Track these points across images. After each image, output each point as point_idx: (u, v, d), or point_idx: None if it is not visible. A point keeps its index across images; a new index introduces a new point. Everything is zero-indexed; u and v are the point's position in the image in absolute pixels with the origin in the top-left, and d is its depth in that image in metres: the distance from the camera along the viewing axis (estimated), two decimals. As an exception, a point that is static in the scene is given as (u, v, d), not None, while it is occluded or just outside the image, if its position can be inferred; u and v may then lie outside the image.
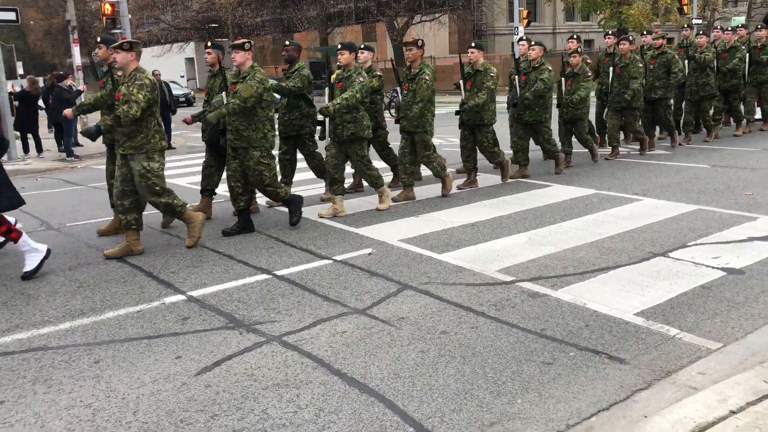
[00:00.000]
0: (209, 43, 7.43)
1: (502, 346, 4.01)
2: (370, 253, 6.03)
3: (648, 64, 10.84)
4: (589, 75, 9.78)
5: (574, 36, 10.82)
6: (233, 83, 6.68)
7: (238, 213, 7.00)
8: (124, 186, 6.20)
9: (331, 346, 4.09)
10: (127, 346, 4.24)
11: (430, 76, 7.83)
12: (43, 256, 5.80)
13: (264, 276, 5.52)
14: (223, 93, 7.02)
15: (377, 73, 8.36)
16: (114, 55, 6.18)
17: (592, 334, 4.14)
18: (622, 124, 10.69)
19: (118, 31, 19.51)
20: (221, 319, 4.62)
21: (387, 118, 8.96)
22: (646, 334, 4.10)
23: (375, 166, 7.75)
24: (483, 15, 47.74)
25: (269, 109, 6.66)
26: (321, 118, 7.69)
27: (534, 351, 3.93)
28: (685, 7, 30.58)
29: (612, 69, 10.43)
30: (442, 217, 7.28)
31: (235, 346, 4.16)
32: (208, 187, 7.62)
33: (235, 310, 4.77)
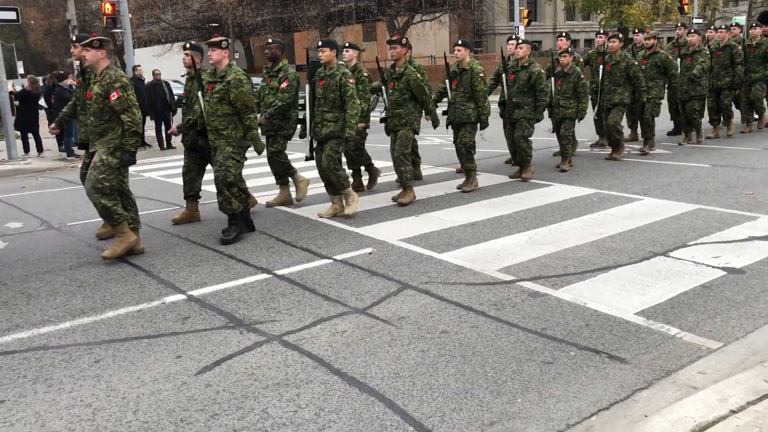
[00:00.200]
0: (187, 45, 7.26)
1: (502, 346, 4.01)
2: (371, 253, 6.03)
3: (640, 64, 10.61)
4: (583, 77, 9.54)
5: (563, 34, 10.59)
6: (210, 83, 6.50)
7: (229, 218, 6.77)
8: None
9: (331, 345, 4.09)
10: (127, 345, 4.24)
11: (423, 74, 7.67)
12: None
13: (264, 275, 5.52)
14: (200, 93, 6.73)
15: (365, 74, 8.15)
16: (84, 53, 6.04)
17: (593, 333, 4.14)
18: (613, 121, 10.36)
19: (119, 30, 19.52)
20: (221, 318, 4.62)
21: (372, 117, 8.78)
22: (646, 334, 4.10)
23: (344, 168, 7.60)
24: (483, 14, 47.72)
25: (237, 108, 6.44)
26: (302, 116, 7.52)
27: (534, 350, 3.93)
28: (685, 7, 30.57)
29: (602, 67, 10.22)
30: (443, 216, 7.28)
31: (235, 345, 4.16)
32: (191, 192, 7.48)
33: (236, 309, 4.77)
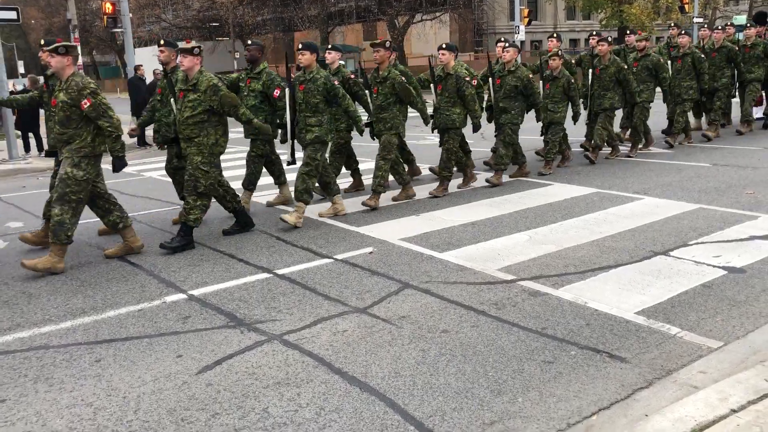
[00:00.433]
0: (162, 42, 7.15)
1: (502, 345, 4.01)
2: (371, 252, 6.03)
3: (631, 67, 10.45)
4: (573, 82, 9.29)
5: (555, 35, 10.39)
6: (182, 90, 6.31)
7: (233, 214, 6.91)
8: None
9: (331, 344, 4.10)
10: (128, 344, 4.24)
11: (408, 76, 7.50)
12: None
13: (265, 275, 5.52)
14: (172, 99, 6.63)
15: (350, 76, 7.95)
16: (48, 59, 5.78)
17: (593, 332, 4.14)
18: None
19: (119, 30, 19.53)
20: (222, 317, 4.62)
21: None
22: (647, 333, 4.10)
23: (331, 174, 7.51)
24: (484, 14, 47.73)
25: (222, 114, 6.36)
26: (283, 121, 7.37)
27: (535, 350, 3.93)
28: (686, 6, 30.55)
29: (591, 71, 9.99)
30: (443, 216, 7.28)
31: (236, 344, 4.16)
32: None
33: (236, 308, 4.78)
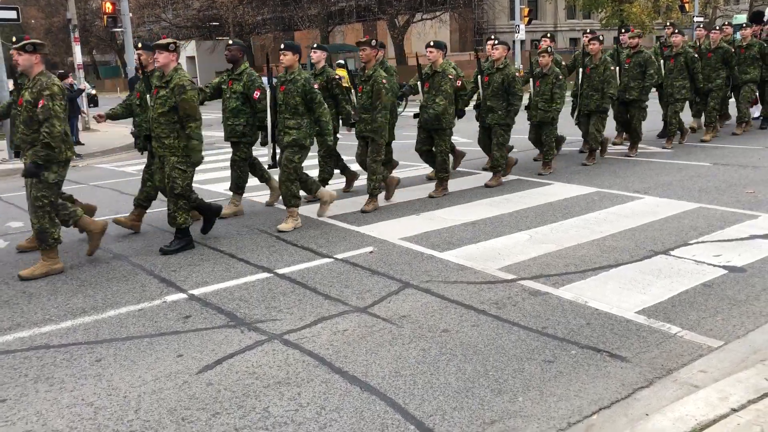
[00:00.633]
0: (140, 45, 7.06)
1: (503, 345, 4.01)
2: (372, 252, 6.03)
3: (623, 64, 10.29)
4: (561, 78, 9.13)
5: (548, 34, 10.32)
6: (156, 87, 6.20)
7: (198, 210, 6.61)
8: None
9: (332, 344, 4.10)
10: (128, 344, 4.24)
11: (388, 81, 7.36)
12: None
13: (265, 274, 5.52)
14: (148, 96, 6.49)
15: (335, 76, 7.83)
16: (16, 57, 5.63)
17: (594, 332, 4.14)
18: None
19: (119, 29, 19.53)
20: (222, 317, 4.62)
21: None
22: (647, 332, 4.10)
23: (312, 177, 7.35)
24: (484, 13, 47.70)
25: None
26: (266, 124, 7.22)
27: (535, 349, 3.93)
28: (686, 5, 30.53)
29: (582, 70, 9.85)
30: (444, 215, 7.28)
31: (236, 344, 4.16)
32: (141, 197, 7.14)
33: (237, 308, 4.78)
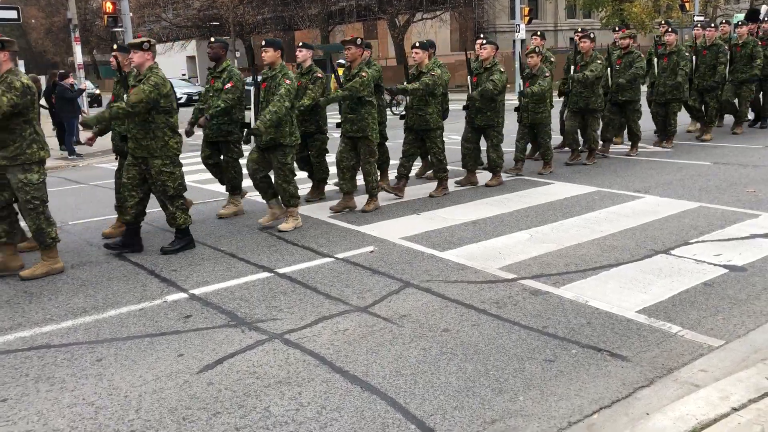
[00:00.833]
0: (114, 46, 6.98)
1: (503, 344, 4.01)
2: (372, 251, 6.03)
3: (614, 65, 10.12)
4: (547, 75, 8.96)
5: (538, 33, 10.16)
6: (132, 86, 6.14)
7: (125, 225, 6.37)
8: None
9: (332, 343, 4.10)
10: (129, 344, 4.25)
11: (368, 74, 7.21)
12: None
13: (266, 274, 5.53)
14: (125, 96, 6.34)
15: (318, 75, 7.69)
16: None
17: (594, 331, 4.14)
18: (583, 126, 9.89)
19: (119, 29, 19.52)
20: (223, 317, 4.63)
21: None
22: (648, 332, 4.10)
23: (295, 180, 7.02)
24: (484, 12, 47.65)
25: (169, 115, 6.08)
26: (248, 121, 7.08)
27: (536, 348, 3.93)
28: (686, 4, 30.49)
29: (573, 68, 9.71)
30: (444, 214, 7.28)
31: (237, 343, 4.16)
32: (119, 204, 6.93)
33: (237, 308, 4.78)
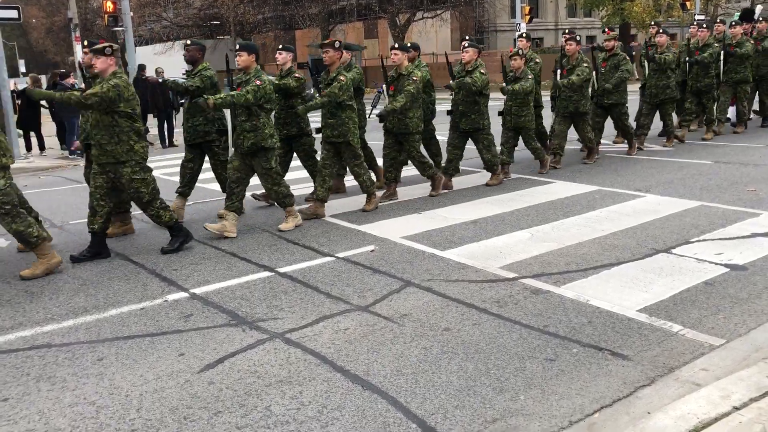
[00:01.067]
0: (86, 42, 6.78)
1: (504, 343, 4.01)
2: (373, 250, 6.03)
3: (599, 67, 9.95)
4: (530, 77, 8.76)
5: (523, 34, 10.07)
6: None
7: (91, 235, 6.20)
8: None
9: (333, 343, 4.10)
10: (130, 343, 4.25)
11: (346, 78, 7.10)
12: None
13: (267, 273, 5.53)
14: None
15: (296, 75, 7.57)
16: None
17: (595, 330, 4.14)
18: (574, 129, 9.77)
19: (120, 28, 19.51)
20: (224, 316, 4.63)
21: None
22: (649, 331, 4.10)
23: (286, 181, 7.03)
24: (485, 11, 47.62)
25: (132, 120, 5.97)
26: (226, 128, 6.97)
27: (537, 348, 3.93)
28: (687, 3, 30.44)
29: (559, 71, 9.58)
30: (445, 214, 7.28)
31: (238, 343, 4.16)
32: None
33: (238, 307, 4.78)
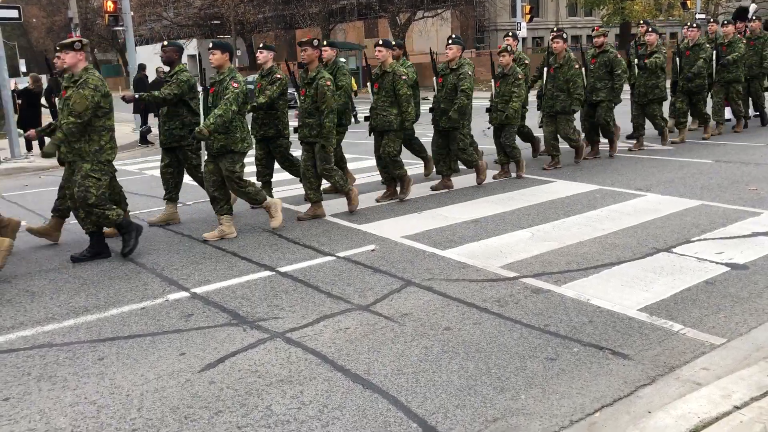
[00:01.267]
0: (57, 46, 6.56)
1: (505, 342, 4.01)
2: (374, 250, 6.03)
3: (588, 64, 9.89)
4: (520, 77, 8.68)
5: (510, 33, 9.95)
6: (65, 88, 5.89)
7: (89, 236, 6.19)
8: None
9: (334, 342, 4.10)
10: (131, 343, 4.25)
11: (332, 83, 7.01)
12: None
13: (267, 273, 5.53)
14: (57, 99, 6.22)
15: (278, 76, 7.48)
16: None
17: (596, 329, 4.14)
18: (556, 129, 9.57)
19: (120, 28, 19.52)
20: (225, 315, 4.63)
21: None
22: (649, 330, 4.10)
23: (253, 181, 6.93)
24: (485, 10, 47.63)
25: (107, 117, 5.90)
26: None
27: (537, 347, 3.93)
28: (688, 2, 30.45)
29: (546, 70, 9.48)
30: (445, 213, 7.28)
31: (238, 342, 4.16)
32: (61, 207, 6.61)
33: (239, 306, 4.78)
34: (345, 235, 6.61)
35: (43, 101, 15.67)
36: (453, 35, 8.61)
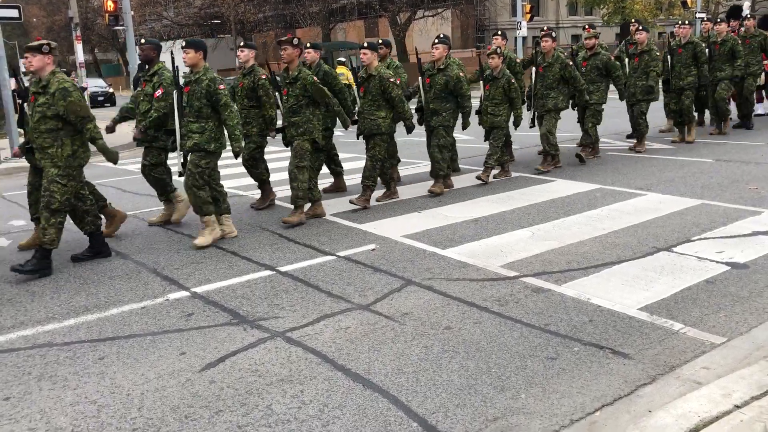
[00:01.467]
0: (25, 47, 6.42)
1: (505, 342, 4.01)
2: (374, 249, 6.03)
3: (580, 66, 9.83)
4: (513, 82, 8.51)
5: (499, 32, 9.80)
6: (33, 93, 5.77)
7: (89, 236, 6.15)
8: None
9: (334, 341, 4.10)
10: (131, 342, 4.25)
11: (317, 82, 6.91)
12: None
13: (268, 272, 5.53)
14: (25, 105, 6.18)
15: (261, 76, 7.43)
16: None
17: (596, 329, 4.14)
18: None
19: (121, 27, 19.52)
20: (225, 315, 4.63)
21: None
22: (650, 329, 4.10)
23: (223, 184, 6.78)
24: (486, 10, 47.61)
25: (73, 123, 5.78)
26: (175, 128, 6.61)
27: (538, 346, 3.93)
28: (688, 1, 30.41)
29: (535, 69, 9.36)
30: (446, 212, 7.28)
31: (239, 342, 4.17)
32: (37, 214, 6.36)
33: (239, 306, 4.78)
34: (345, 234, 6.61)
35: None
36: (440, 35, 8.51)
